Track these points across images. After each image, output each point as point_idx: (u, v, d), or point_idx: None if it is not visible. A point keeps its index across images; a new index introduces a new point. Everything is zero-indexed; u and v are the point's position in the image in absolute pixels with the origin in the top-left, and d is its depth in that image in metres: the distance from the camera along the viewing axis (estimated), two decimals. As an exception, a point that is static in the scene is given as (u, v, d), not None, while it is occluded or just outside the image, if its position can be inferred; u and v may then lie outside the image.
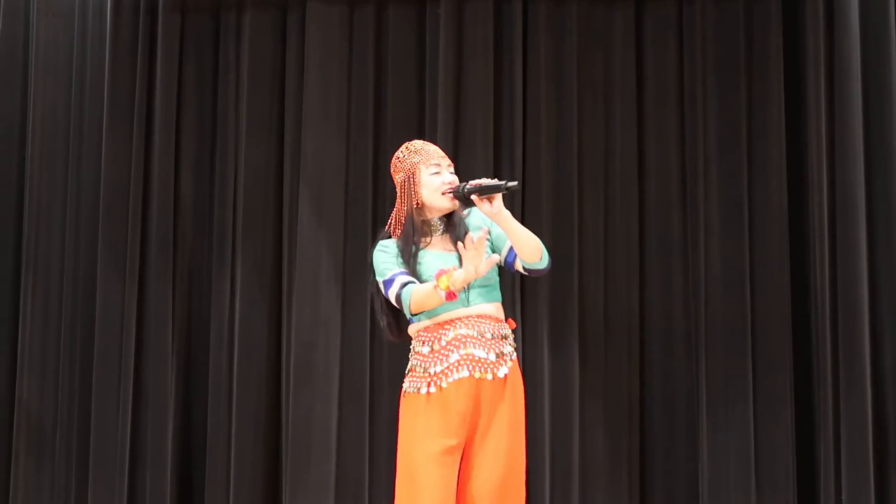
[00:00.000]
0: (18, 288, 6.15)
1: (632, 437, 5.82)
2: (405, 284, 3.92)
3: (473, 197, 3.91)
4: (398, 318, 4.10)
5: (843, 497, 5.46)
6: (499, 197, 3.91)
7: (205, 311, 6.07)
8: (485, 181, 3.92)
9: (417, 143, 4.15)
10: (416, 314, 3.96)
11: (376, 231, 5.42)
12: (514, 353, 4.02)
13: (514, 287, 5.77)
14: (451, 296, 3.77)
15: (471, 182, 3.95)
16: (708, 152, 5.82)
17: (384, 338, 4.22)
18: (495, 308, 4.02)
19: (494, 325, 3.99)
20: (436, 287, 3.78)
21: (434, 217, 4.07)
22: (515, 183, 3.93)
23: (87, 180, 6.15)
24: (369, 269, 4.08)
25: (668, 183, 5.92)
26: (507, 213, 3.94)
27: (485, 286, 4.00)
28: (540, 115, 5.90)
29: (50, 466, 6.04)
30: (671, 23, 5.96)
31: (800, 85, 5.83)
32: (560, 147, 5.91)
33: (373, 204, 5.94)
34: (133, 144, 6.05)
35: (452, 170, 4.08)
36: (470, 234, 3.87)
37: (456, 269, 3.80)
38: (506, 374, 3.94)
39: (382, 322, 4.15)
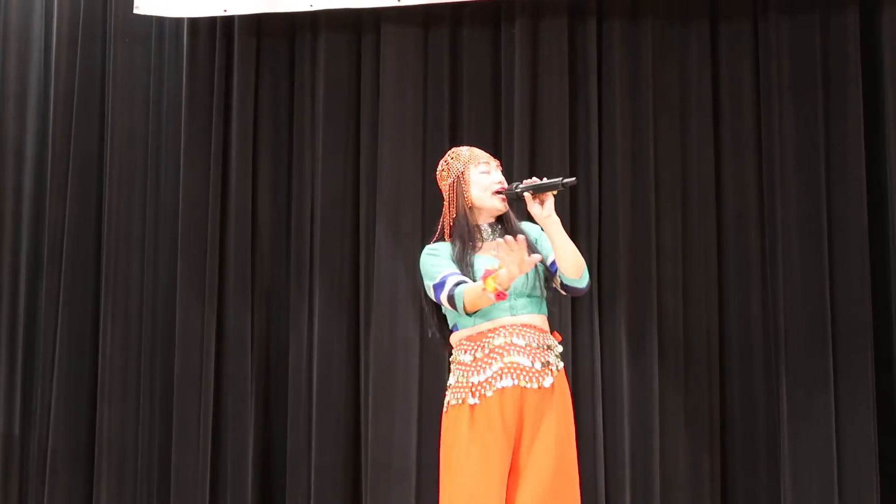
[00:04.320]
0: (98, 312, 6.22)
1: (712, 455, 5.76)
2: (458, 284, 3.84)
3: (526, 196, 3.91)
4: (444, 328, 4.08)
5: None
6: (550, 200, 3.91)
7: (283, 333, 6.09)
8: (539, 179, 3.93)
9: (463, 148, 4.16)
10: (470, 313, 3.87)
11: (454, 252, 5.43)
12: (561, 364, 3.97)
13: (593, 306, 5.76)
14: (500, 296, 3.71)
15: (524, 181, 3.96)
16: (785, 167, 5.76)
17: (438, 349, 4.20)
18: (540, 319, 3.98)
19: (539, 335, 3.94)
20: (483, 290, 3.71)
21: (483, 222, 4.05)
22: (573, 179, 3.94)
23: (166, 204, 6.22)
24: (418, 276, 4.06)
25: (745, 199, 5.86)
26: (557, 219, 3.92)
27: (530, 297, 3.96)
28: (616, 132, 5.87)
29: (131, 490, 6.09)
30: (746, 38, 5.90)
31: (878, 97, 5.75)
32: (636, 164, 5.87)
33: (450, 225, 5.94)
34: (210, 167, 6.10)
35: (502, 170, 4.10)
36: (507, 236, 3.76)
37: (500, 269, 3.72)
38: (552, 384, 3.89)
39: (430, 331, 4.13)
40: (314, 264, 6.02)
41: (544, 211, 3.91)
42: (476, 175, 4.05)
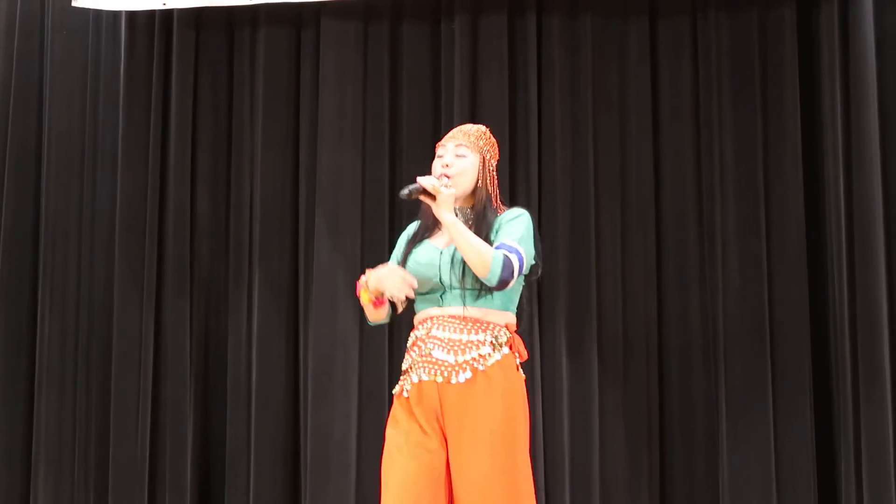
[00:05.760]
0: (35, 306, 6.17)
1: (651, 451, 5.78)
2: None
3: (420, 196, 3.73)
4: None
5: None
6: (444, 200, 3.67)
7: (222, 327, 6.07)
8: (423, 180, 3.72)
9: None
10: (372, 322, 3.98)
11: (393, 245, 5.40)
12: (491, 360, 3.71)
13: (532, 302, 5.75)
14: (376, 302, 3.81)
15: (419, 178, 3.74)
16: (724, 163, 5.78)
17: None
18: (476, 311, 3.75)
19: (469, 327, 3.73)
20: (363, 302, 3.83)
21: (456, 205, 3.80)
22: (407, 191, 3.70)
23: (103, 198, 6.18)
24: None
25: (684, 195, 5.88)
26: (450, 218, 3.68)
27: (466, 289, 3.73)
28: (555, 129, 5.88)
29: (69, 483, 6.05)
30: (685, 35, 5.93)
31: (815, 94, 5.80)
32: (576, 161, 5.88)
33: (389, 218, 5.94)
34: (149, 161, 6.07)
35: (463, 150, 3.85)
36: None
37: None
38: (468, 380, 3.68)
39: None
40: (253, 257, 6.01)
41: (434, 210, 3.72)
42: (435, 161, 3.90)
